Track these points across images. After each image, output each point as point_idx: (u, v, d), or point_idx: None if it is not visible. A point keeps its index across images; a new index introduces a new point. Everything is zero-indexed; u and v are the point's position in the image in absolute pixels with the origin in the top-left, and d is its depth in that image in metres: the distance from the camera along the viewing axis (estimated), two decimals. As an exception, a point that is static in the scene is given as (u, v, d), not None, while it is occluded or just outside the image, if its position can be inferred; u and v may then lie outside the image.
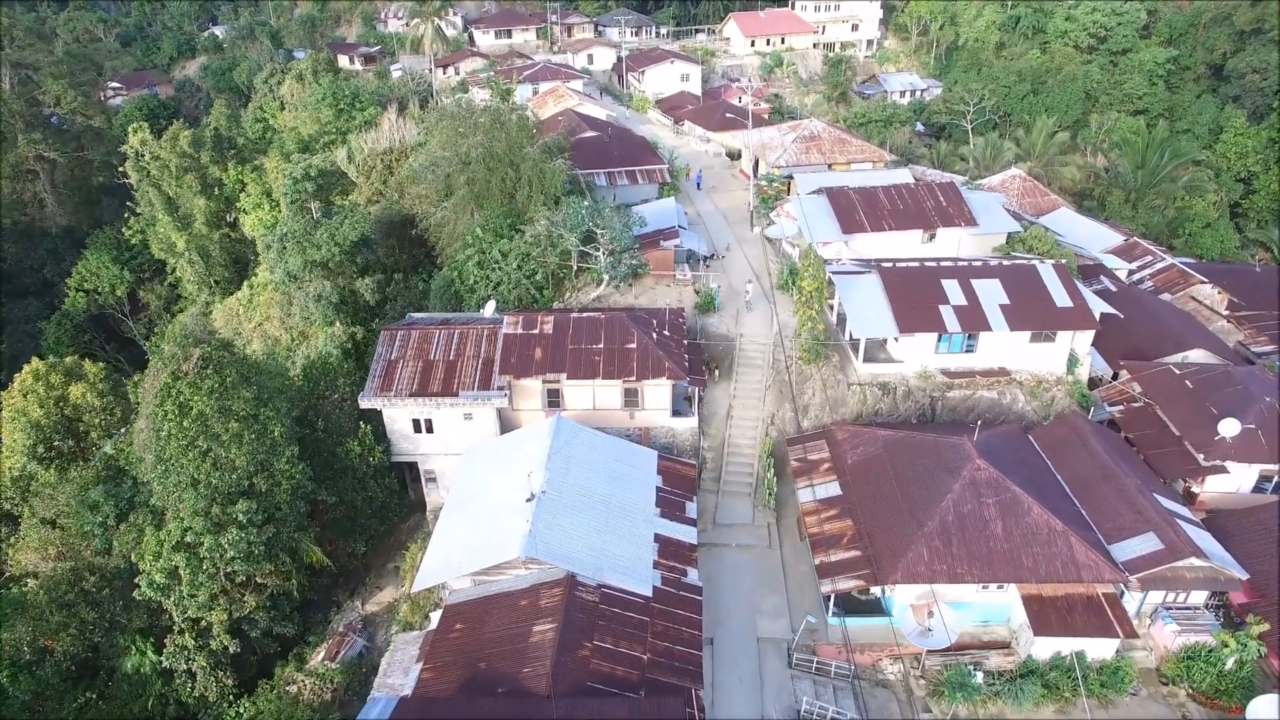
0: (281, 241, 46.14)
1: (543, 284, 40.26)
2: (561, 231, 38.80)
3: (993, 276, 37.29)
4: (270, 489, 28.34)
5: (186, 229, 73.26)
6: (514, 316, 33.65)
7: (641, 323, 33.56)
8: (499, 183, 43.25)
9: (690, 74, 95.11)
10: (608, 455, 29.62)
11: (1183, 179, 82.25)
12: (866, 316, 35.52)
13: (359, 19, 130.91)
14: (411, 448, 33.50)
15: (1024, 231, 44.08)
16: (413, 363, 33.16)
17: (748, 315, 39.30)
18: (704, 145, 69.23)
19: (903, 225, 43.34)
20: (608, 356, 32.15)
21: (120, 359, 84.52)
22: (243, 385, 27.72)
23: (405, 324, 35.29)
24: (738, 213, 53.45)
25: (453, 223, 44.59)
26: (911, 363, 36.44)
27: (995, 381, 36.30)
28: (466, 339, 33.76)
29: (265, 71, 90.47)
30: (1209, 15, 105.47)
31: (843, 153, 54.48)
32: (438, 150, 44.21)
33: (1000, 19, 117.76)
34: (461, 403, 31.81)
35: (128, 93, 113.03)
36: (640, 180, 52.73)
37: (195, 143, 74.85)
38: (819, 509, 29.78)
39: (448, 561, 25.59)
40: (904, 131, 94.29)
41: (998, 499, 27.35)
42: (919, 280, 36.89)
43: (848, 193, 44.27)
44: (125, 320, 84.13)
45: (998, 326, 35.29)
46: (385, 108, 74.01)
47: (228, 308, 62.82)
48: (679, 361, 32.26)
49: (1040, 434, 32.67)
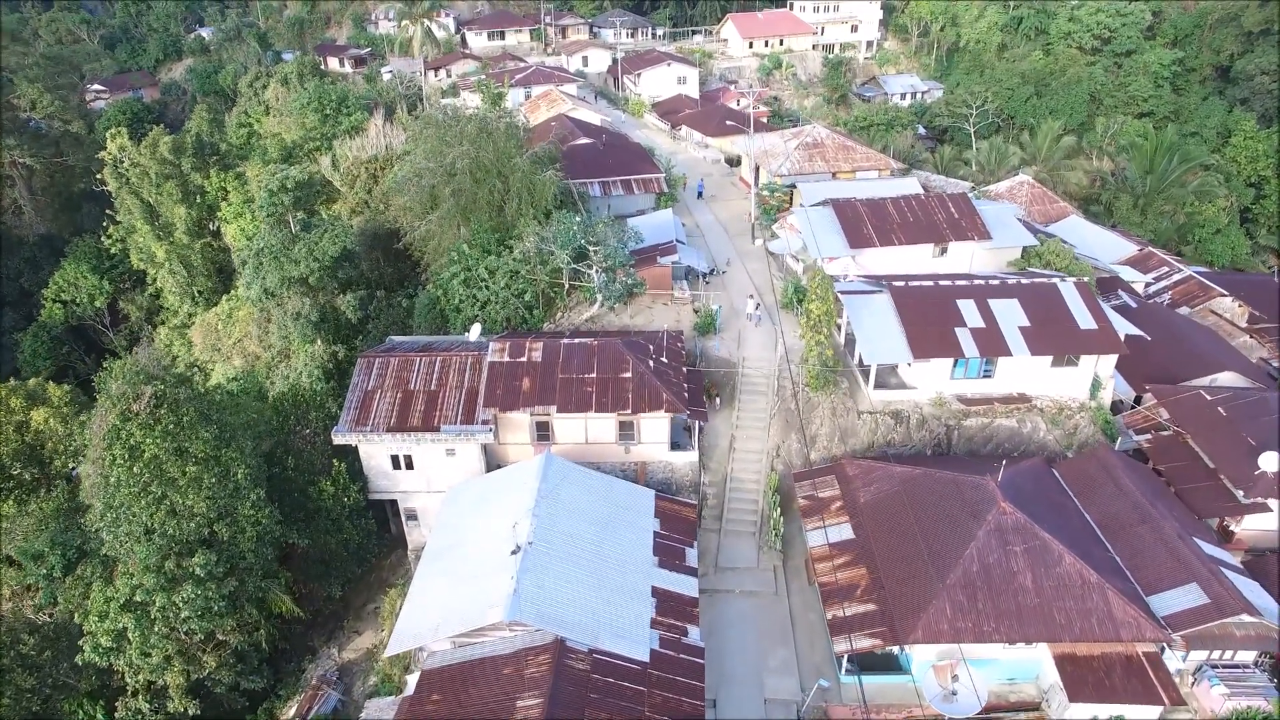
0: (258, 256, 43.75)
1: (532, 303, 37.92)
2: (552, 248, 36.47)
3: (1011, 296, 35.04)
4: (233, 536, 25.97)
5: (167, 238, 70.71)
6: (500, 343, 31.30)
7: (637, 349, 31.24)
8: (486, 195, 40.91)
9: (687, 76, 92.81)
10: (601, 497, 27.31)
11: (1192, 184, 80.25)
12: (878, 341, 33.24)
13: (349, 20, 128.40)
14: (390, 485, 31.14)
15: (1040, 245, 41.86)
16: (391, 393, 30.79)
17: (751, 337, 37.00)
18: (702, 151, 66.94)
19: (913, 239, 41.10)
20: (601, 387, 29.82)
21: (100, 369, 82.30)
22: (202, 424, 25.34)
23: (384, 350, 32.91)
24: (738, 224, 51.18)
25: (438, 236, 42.24)
26: (926, 389, 34.20)
27: (1015, 409, 34.06)
28: (449, 367, 31.40)
29: (250, 75, 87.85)
30: (1216, 16, 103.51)
31: (847, 160, 52.23)
32: (421, 160, 41.83)
33: (1002, 20, 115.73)
34: (443, 438, 29.46)
35: (111, 96, 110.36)
36: (636, 190, 50.43)
37: (176, 149, 72.24)
38: (830, 554, 27.49)
39: (425, 621, 23.25)
40: (906, 135, 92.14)
41: (1025, 547, 25.09)
42: (933, 301, 34.63)
43: (855, 205, 42.01)
44: (106, 332, 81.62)
45: (1018, 351, 33.04)
46: (372, 113, 71.66)
47: (206, 323, 60.35)
48: (678, 392, 29.95)
49: (1066, 469, 30.42)
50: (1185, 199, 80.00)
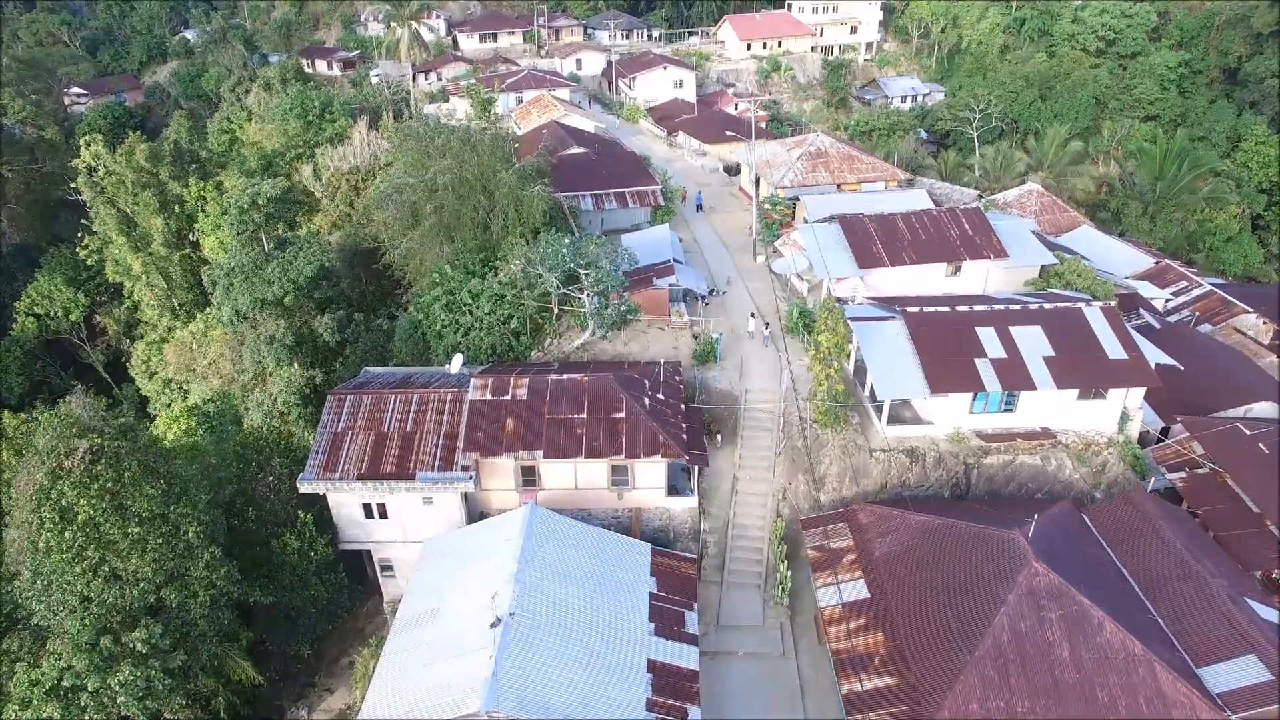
0: (228, 277, 41.12)
1: (519, 329, 35.35)
2: (540, 271, 33.91)
3: (1034, 323, 32.59)
4: (184, 602, 23.39)
5: (144, 250, 67.97)
6: (481, 380, 28.72)
7: (631, 385, 28.70)
8: (471, 211, 38.33)
9: (684, 80, 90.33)
10: (591, 554, 24.77)
11: (1203, 190, 77.98)
12: (892, 373, 30.76)
13: (338, 22, 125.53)
14: (363, 534, 28.56)
15: (1060, 264, 39.43)
16: (363, 435, 28.19)
17: (754, 367, 34.47)
18: (699, 159, 64.40)
19: (925, 258, 38.65)
20: (592, 429, 27.27)
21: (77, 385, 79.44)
22: (147, 480, 22.73)
23: (356, 386, 30.33)
24: (738, 238, 48.66)
25: (420, 255, 39.66)
26: (943, 424, 31.74)
27: (1038, 445, 31.63)
28: (426, 406, 28.82)
29: (233, 79, 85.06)
30: (1224, 17, 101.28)
31: (852, 171, 49.76)
32: (401, 175, 39.22)
33: (1004, 21, 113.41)
34: (419, 487, 26.89)
35: (92, 100, 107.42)
36: (631, 203, 47.89)
37: (153, 156, 69.56)
38: (844, 615, 24.99)
39: (395, 707, 20.67)
40: (908, 140, 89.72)
41: (1062, 613, 22.62)
42: (951, 328, 32.18)
43: (864, 221, 39.53)
44: (83, 346, 78.82)
45: (1043, 384, 30.60)
46: (357, 119, 69.00)
47: (180, 342, 57.60)
48: (676, 434, 27.41)
49: (1099, 516, 27.95)
50: (1196, 206, 77.72)
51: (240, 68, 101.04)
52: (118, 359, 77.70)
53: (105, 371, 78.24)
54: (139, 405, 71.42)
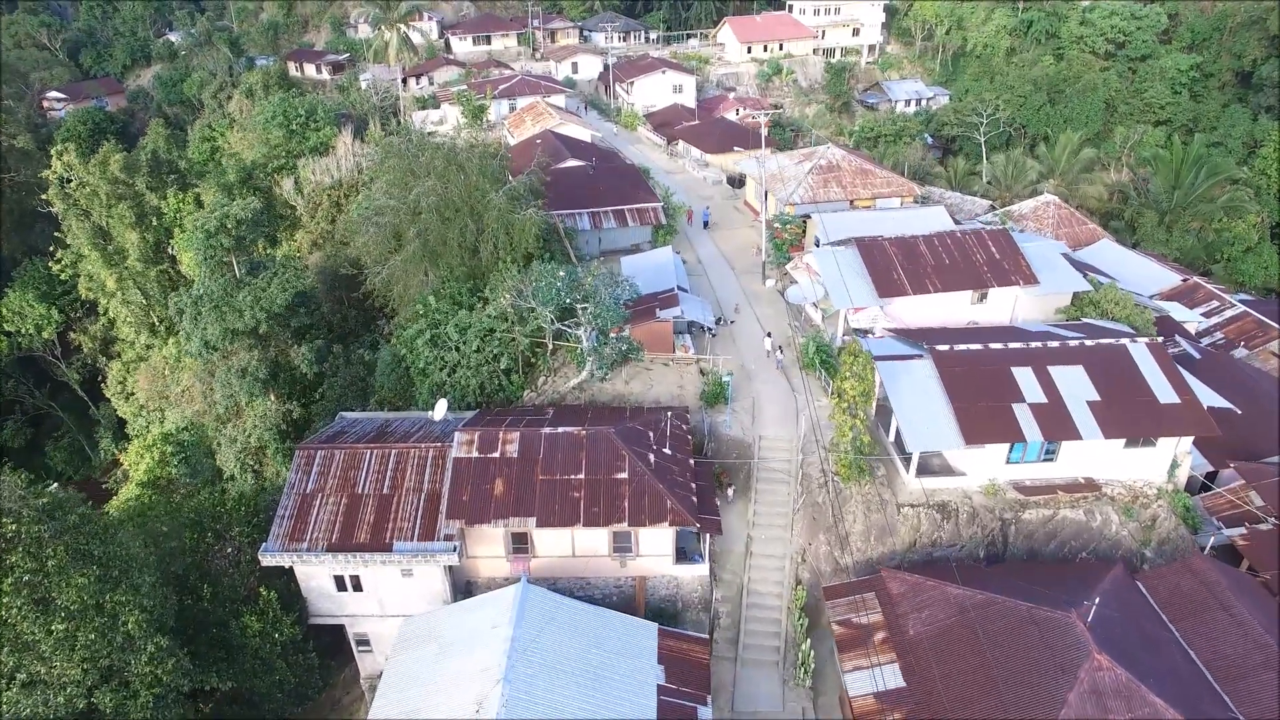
0: (196, 305, 38.02)
1: (510, 367, 32.34)
2: (533, 305, 30.89)
3: (1075, 362, 29.70)
4: (121, 704, 20.33)
5: (119, 265, 64.69)
6: (467, 434, 25.67)
7: (635, 439, 25.70)
8: (457, 236, 35.29)
9: (683, 85, 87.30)
10: (591, 640, 21.78)
11: (1221, 198, 75.24)
12: (921, 421, 27.81)
13: (327, 24, 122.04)
14: (335, 608, 25.52)
15: (1095, 291, 36.53)
16: (334, 498, 25.16)
17: (767, 409, 31.47)
18: (701, 171, 61.38)
19: (950, 285, 35.69)
20: (591, 492, 24.27)
21: (51, 405, 76.24)
22: (77, 566, 19.69)
23: (328, 437, 27.29)
24: (745, 258, 45.70)
25: (402, 282, 36.61)
26: (976, 475, 28.83)
27: (1081, 497, 28.74)
28: (406, 464, 25.78)
29: (215, 84, 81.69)
30: (1238, 19, 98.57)
31: (866, 186, 46.78)
32: (382, 196, 36.14)
33: (1011, 23, 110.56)
34: (397, 560, 23.86)
35: (71, 105, 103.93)
36: (631, 221, 44.88)
37: (128, 167, 66.26)
38: (878, 709, 22.03)
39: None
40: (916, 147, 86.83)
41: (1132, 718, 19.70)
42: (984, 369, 29.26)
43: (883, 246, 36.56)
44: (57, 364, 75.52)
45: (1089, 433, 27.68)
46: (342, 128, 65.89)
47: (153, 367, 54.48)
48: (685, 497, 24.42)
49: (1157, 586, 25.04)
50: (1214, 215, 74.96)
51: (225, 72, 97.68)
52: (95, 376, 74.53)
53: (82, 390, 75.08)
54: (117, 426, 68.43)
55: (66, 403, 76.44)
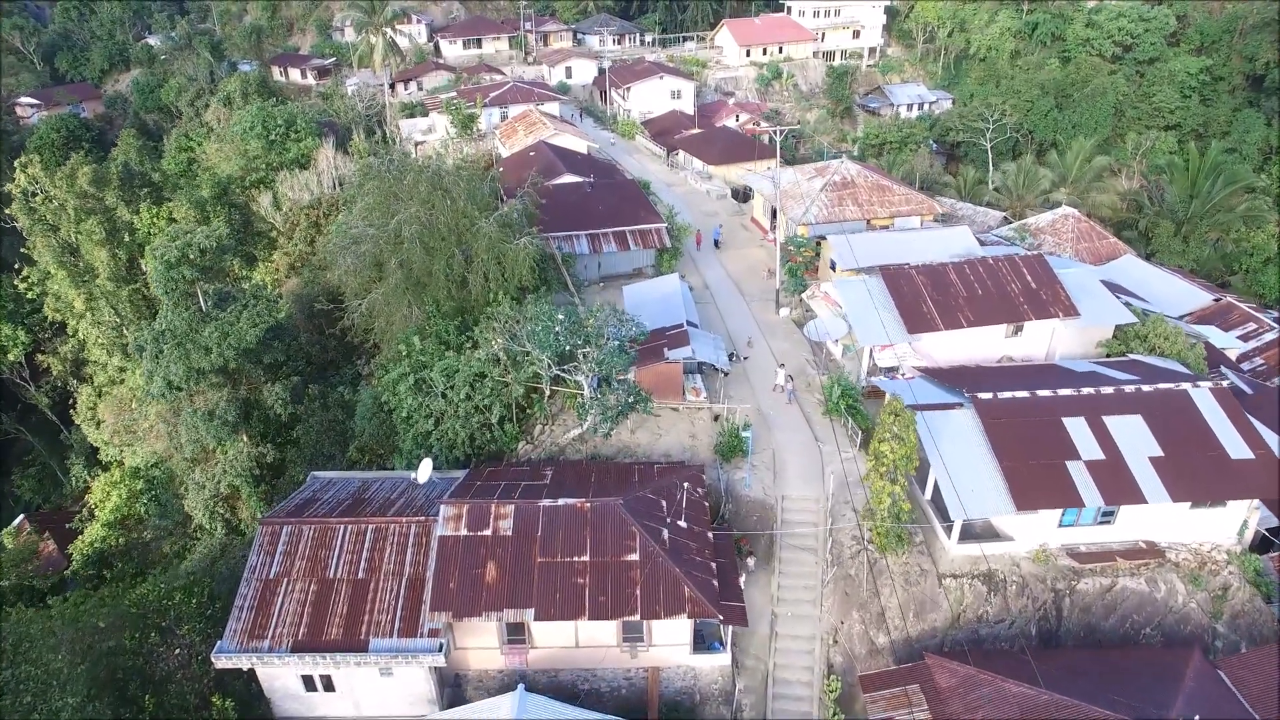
0: (156, 343, 34.60)
1: (504, 415, 29.11)
2: (528, 349, 27.69)
3: (1132, 410, 26.71)
4: None
5: (88, 284, 61.13)
6: (454, 506, 22.45)
7: (646, 512, 22.53)
8: (443, 267, 32.05)
9: (682, 90, 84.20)
10: (600, 763, 18.61)
11: (1239, 207, 72.68)
12: (966, 484, 24.74)
13: (313, 27, 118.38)
14: (303, 709, 22.24)
15: (1141, 324, 33.57)
16: (302, 583, 21.90)
17: (790, 461, 28.34)
18: (704, 184, 58.23)
19: (984, 319, 32.66)
20: (597, 578, 21.11)
21: (20, 430, 72.60)
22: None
23: (296, 506, 24.01)
24: (754, 280, 42.62)
25: (385, 315, 33.35)
26: (1025, 539, 25.81)
27: (1143, 564, 25.75)
28: (384, 541, 22.55)
29: (191, 91, 77.98)
30: (1250, 21, 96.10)
31: (883, 204, 43.73)
32: (360, 224, 32.85)
33: (1015, 25, 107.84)
34: (373, 659, 20.63)
35: (46, 111, 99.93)
36: (633, 244, 41.69)
37: (98, 180, 62.66)
38: (933, 837, 18.96)
39: None
40: (924, 156, 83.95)
41: None
42: (1033, 421, 26.24)
43: (910, 275, 33.52)
44: (26, 385, 71.86)
45: (1155, 497, 24.68)
46: (324, 139, 62.48)
47: (119, 399, 50.97)
48: (705, 582, 21.27)
49: (1243, 675, 22.02)
50: (1233, 224, 72.39)
51: (206, 78, 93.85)
52: (67, 399, 70.95)
53: (52, 413, 71.46)
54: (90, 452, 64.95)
55: (36, 425, 72.89)
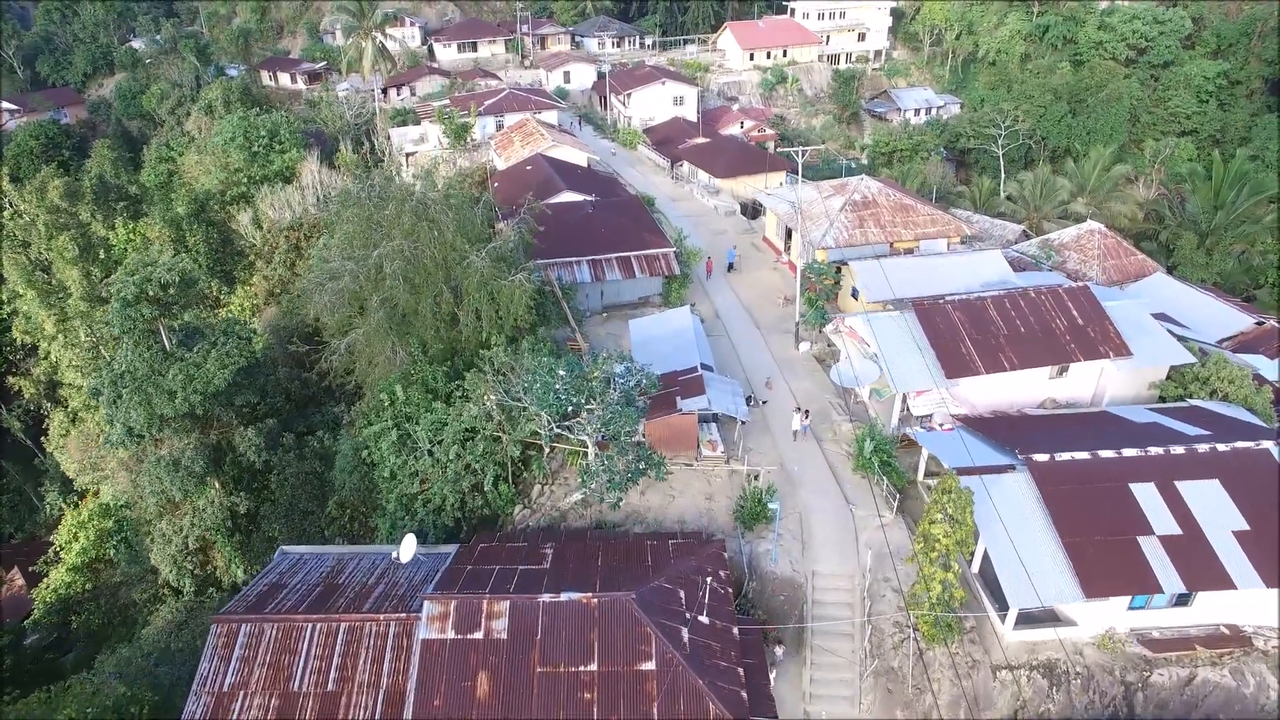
0: (115, 386, 31.38)
1: (498, 475, 25.99)
2: (526, 405, 24.56)
3: (1208, 475, 23.63)
4: None
5: (60, 304, 57.90)
6: (440, 604, 19.28)
7: (662, 608, 19.40)
8: (431, 305, 28.90)
9: (684, 96, 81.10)
10: None
11: (1265, 218, 69.78)
12: (1024, 565, 21.66)
13: (303, 30, 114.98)
14: (262, 841, 19.08)
15: (1201, 365, 30.52)
16: (262, 698, 18.73)
17: (818, 532, 25.18)
18: (711, 199, 55.08)
19: (1028, 360, 29.54)
20: (607, 691, 17.98)
21: (-10, 455, 69.31)
22: None
23: (256, 600, 20.81)
24: (769, 308, 39.56)
25: (366, 356, 30.19)
26: (1090, 624, 22.73)
27: (1226, 653, 22.68)
28: (358, 644, 19.37)
29: (173, 99, 74.65)
30: (1269, 23, 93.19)
31: (907, 225, 40.64)
32: (337, 257, 29.66)
33: (1025, 28, 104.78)
34: (341, 796, 17.52)
35: (25, 117, 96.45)
36: (639, 271, 38.53)
37: (70, 193, 59.46)
38: None
39: None
40: (937, 165, 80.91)
41: None
42: (1096, 487, 23.16)
43: (946, 311, 30.38)
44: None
45: (1244, 581, 21.55)
46: (309, 150, 59.28)
47: (85, 434, 47.77)
48: (731, 695, 18.13)
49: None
50: (1259, 236, 69.44)
51: (191, 83, 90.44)
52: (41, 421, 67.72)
53: (26, 436, 68.16)
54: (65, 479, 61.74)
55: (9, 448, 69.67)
